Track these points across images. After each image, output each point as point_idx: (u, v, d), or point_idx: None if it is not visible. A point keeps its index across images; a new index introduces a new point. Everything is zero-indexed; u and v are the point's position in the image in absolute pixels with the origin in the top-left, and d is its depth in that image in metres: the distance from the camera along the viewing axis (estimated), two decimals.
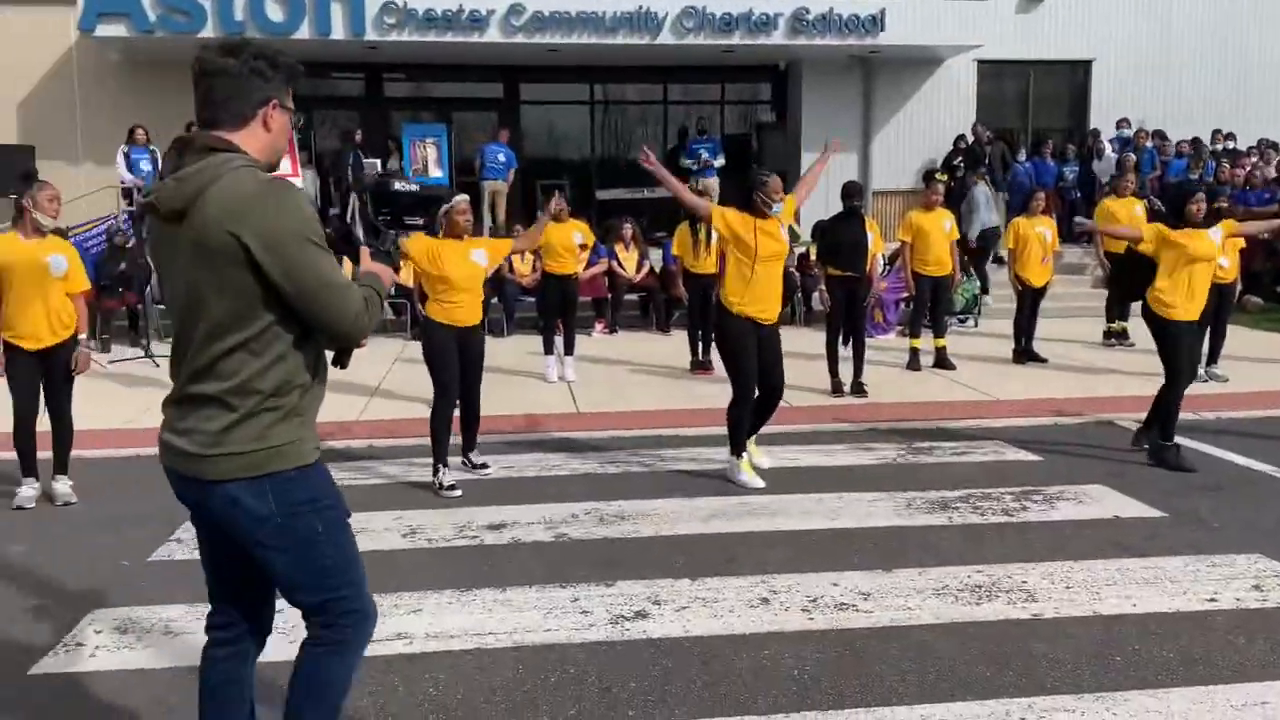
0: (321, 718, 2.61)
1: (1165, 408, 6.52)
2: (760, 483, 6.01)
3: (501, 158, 15.18)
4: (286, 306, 2.35)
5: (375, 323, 2.50)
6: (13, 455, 5.93)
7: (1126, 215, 10.51)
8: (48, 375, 5.83)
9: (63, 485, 5.98)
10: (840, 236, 8.70)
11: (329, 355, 2.55)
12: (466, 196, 6.38)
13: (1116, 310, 11.18)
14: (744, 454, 6.13)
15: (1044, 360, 10.15)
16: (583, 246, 9.79)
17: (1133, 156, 14.48)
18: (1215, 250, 6.55)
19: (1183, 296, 6.40)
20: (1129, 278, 7.27)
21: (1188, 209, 6.46)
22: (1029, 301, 10.25)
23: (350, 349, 2.54)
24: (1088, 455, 6.79)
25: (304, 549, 2.47)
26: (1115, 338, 11.11)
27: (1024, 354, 10.27)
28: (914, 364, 9.85)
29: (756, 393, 6.10)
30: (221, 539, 2.54)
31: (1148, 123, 16.48)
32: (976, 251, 13.33)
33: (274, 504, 2.41)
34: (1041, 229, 10.11)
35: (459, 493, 5.95)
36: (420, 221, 11.35)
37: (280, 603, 2.72)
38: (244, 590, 2.65)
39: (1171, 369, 6.48)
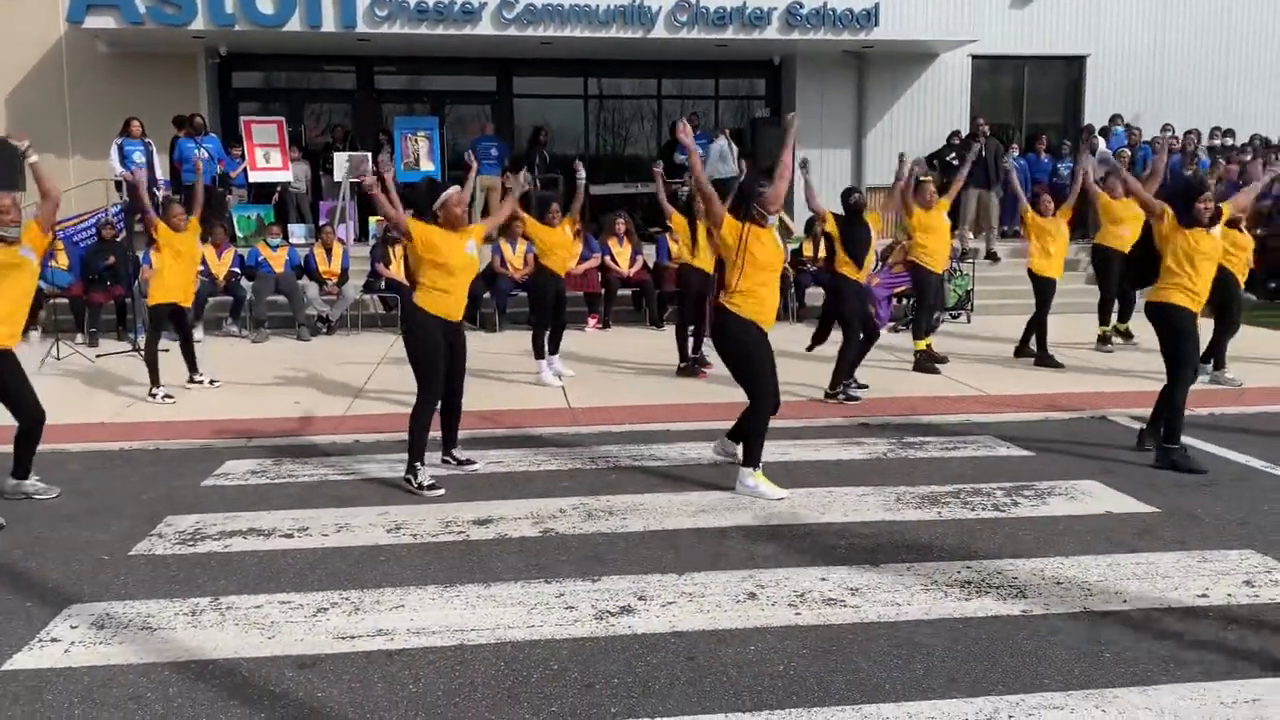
0: None
1: (1171, 407, 6.28)
2: (783, 493, 5.70)
3: (494, 152, 15.15)
4: None
5: None
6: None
7: (1126, 213, 10.39)
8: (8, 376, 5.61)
9: (38, 481, 5.87)
10: (855, 238, 8.38)
11: None
12: (459, 187, 6.22)
13: (1113, 311, 10.93)
14: (759, 468, 5.80)
15: (1060, 365, 9.75)
16: (577, 235, 9.51)
17: (1127, 152, 14.43)
18: (1219, 247, 6.35)
19: (1187, 289, 6.25)
20: (1134, 271, 7.05)
21: (1195, 208, 6.27)
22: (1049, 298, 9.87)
23: None
24: (1080, 451, 6.74)
25: None
26: (1111, 340, 10.81)
27: (1045, 357, 9.80)
28: (926, 365, 9.52)
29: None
30: None
31: (1142, 119, 16.46)
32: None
33: None
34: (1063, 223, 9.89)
35: (441, 491, 5.84)
36: None
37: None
38: None
39: (1175, 365, 6.27)
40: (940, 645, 3.85)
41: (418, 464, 5.95)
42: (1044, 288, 9.91)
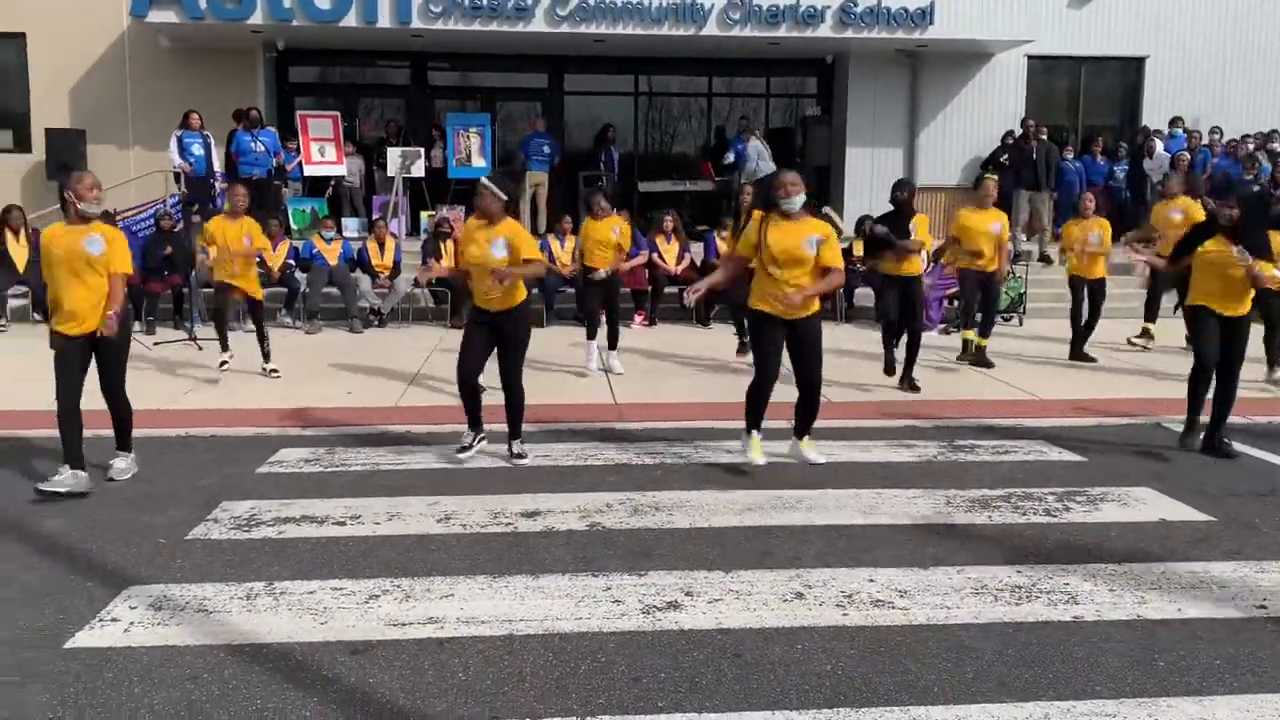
0: None
1: (1190, 389, 6.94)
2: (759, 460, 6.15)
3: (546, 149, 15.24)
4: None
5: None
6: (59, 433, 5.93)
7: (1161, 218, 10.71)
8: (98, 359, 5.81)
9: (121, 461, 6.07)
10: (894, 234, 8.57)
11: None
12: (486, 181, 6.26)
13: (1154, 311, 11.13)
14: (755, 433, 6.24)
15: (1093, 360, 10.03)
16: (619, 248, 9.48)
17: (1187, 156, 14.17)
18: (1225, 254, 6.68)
19: (1204, 290, 6.82)
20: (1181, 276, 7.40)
21: (1221, 212, 6.89)
22: (1085, 297, 10.14)
23: None
24: (1134, 457, 6.64)
25: None
26: (1153, 336, 10.99)
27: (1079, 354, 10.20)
28: (971, 357, 9.82)
29: (794, 384, 6.22)
30: None
31: (1201, 122, 16.16)
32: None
33: None
34: (1093, 233, 10.06)
35: (469, 454, 6.30)
36: None
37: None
38: None
39: (1195, 355, 6.93)
40: (990, 649, 3.82)
41: (470, 430, 6.40)
42: (1070, 285, 10.26)
